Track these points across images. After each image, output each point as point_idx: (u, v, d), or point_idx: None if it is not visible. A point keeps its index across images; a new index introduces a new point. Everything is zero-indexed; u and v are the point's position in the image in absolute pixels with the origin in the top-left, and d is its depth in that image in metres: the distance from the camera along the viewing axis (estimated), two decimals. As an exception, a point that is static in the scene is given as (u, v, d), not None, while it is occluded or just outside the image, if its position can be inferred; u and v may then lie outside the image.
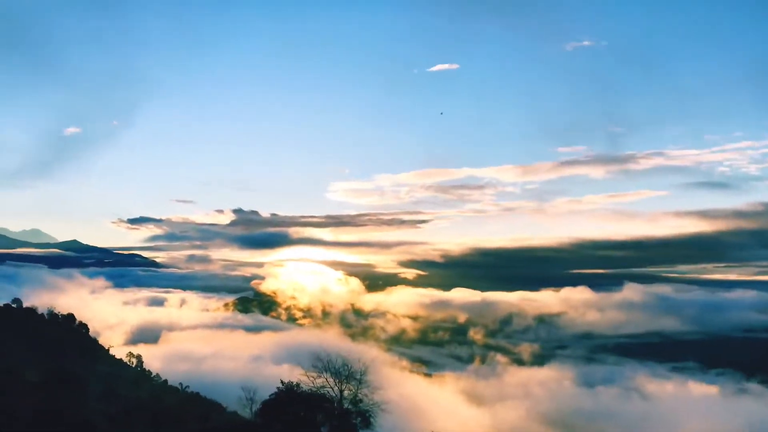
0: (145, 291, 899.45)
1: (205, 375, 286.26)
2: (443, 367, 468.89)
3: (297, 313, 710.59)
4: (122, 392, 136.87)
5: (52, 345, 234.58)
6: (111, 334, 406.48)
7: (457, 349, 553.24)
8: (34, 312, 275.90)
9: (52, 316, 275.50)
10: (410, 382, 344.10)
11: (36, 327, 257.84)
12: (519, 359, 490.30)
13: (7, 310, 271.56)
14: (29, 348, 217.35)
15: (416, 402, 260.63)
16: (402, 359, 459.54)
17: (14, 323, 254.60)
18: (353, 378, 59.81)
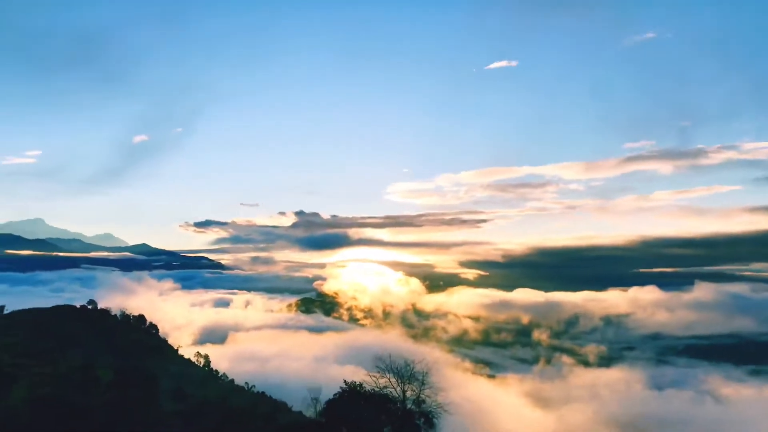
0: (211, 292, 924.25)
1: (271, 375, 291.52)
2: (506, 368, 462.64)
3: (358, 313, 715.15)
4: (191, 391, 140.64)
5: (124, 345, 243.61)
6: (179, 335, 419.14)
7: (521, 350, 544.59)
8: (108, 313, 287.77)
9: (125, 317, 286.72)
10: (473, 383, 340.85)
11: (110, 327, 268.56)
12: (585, 361, 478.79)
13: (83, 311, 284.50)
14: (104, 347, 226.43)
15: (479, 404, 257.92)
16: (464, 361, 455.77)
17: (90, 324, 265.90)
18: (416, 379, 59.54)
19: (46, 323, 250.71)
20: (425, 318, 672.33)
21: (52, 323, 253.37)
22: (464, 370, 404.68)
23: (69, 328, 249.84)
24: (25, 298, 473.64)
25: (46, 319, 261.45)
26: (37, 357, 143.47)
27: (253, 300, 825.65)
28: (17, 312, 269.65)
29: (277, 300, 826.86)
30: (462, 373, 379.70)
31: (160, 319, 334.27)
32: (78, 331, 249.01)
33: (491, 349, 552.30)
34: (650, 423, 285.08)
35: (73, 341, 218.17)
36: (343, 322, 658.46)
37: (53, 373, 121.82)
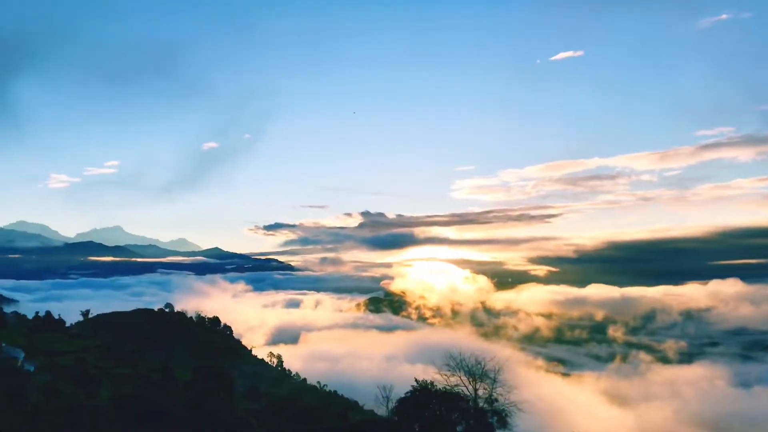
0: (282, 293, 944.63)
1: (342, 374, 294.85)
2: (581, 366, 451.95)
3: (427, 312, 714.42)
4: (265, 390, 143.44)
5: (201, 346, 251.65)
6: (252, 335, 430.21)
7: (596, 347, 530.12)
8: (184, 315, 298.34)
9: (200, 319, 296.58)
10: (547, 381, 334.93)
11: (186, 329, 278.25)
12: (664, 357, 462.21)
13: (161, 314, 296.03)
14: (181, 348, 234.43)
15: (554, 402, 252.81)
16: (537, 358, 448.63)
17: (168, 326, 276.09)
18: (487, 377, 58.38)
19: (127, 326, 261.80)
20: (495, 316, 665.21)
21: (132, 326, 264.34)
22: (537, 368, 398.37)
23: (148, 331, 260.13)
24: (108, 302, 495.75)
25: (126, 322, 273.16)
26: (119, 358, 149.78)
27: (322, 300, 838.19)
28: (101, 316, 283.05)
29: (346, 300, 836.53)
30: (535, 371, 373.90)
31: (233, 320, 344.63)
32: (156, 333, 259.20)
33: (565, 347, 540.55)
34: (736, 422, 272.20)
35: (152, 343, 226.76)
36: (411, 321, 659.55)
37: (134, 374, 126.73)
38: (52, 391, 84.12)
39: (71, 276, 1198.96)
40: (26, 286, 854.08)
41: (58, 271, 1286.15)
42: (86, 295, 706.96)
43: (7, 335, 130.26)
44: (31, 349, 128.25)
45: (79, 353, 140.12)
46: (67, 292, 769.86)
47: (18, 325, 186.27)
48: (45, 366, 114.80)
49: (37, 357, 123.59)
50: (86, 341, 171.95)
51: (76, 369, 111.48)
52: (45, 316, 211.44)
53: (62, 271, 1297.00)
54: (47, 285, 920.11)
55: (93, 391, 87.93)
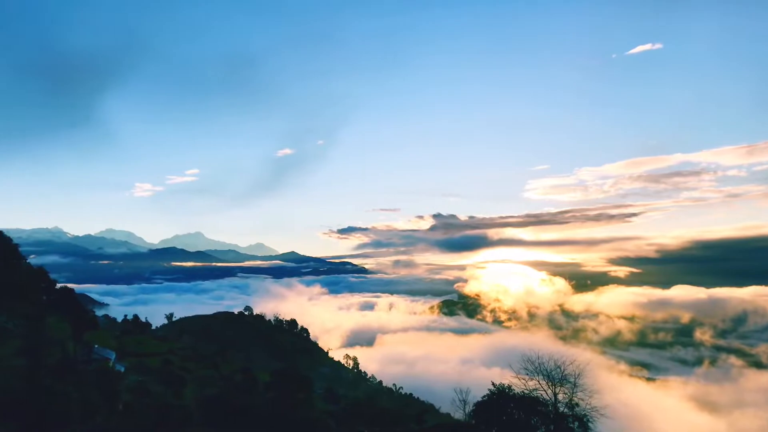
0: (356, 296, 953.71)
1: (418, 377, 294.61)
2: (666, 370, 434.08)
3: (502, 315, 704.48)
4: (342, 392, 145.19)
5: (279, 348, 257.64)
6: (328, 338, 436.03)
7: (682, 351, 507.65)
8: (263, 318, 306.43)
9: (278, 321, 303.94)
10: (630, 386, 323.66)
11: (265, 331, 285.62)
12: (758, 362, 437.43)
13: (241, 317, 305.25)
14: (261, 350, 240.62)
15: (638, 408, 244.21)
16: (619, 362, 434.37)
17: (247, 328, 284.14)
18: (567, 381, 56.85)
19: (209, 328, 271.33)
20: (574, 319, 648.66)
21: (214, 328, 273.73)
22: (620, 372, 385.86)
23: (229, 333, 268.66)
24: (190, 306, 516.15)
25: (208, 324, 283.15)
26: (202, 360, 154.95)
27: (396, 302, 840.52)
28: (184, 319, 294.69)
29: (419, 302, 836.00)
30: (617, 375, 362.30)
31: (310, 322, 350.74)
32: (237, 335, 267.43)
33: (648, 351, 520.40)
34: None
35: (233, 345, 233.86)
36: (486, 324, 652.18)
37: (217, 375, 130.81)
38: (141, 390, 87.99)
39: (156, 281, 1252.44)
40: (115, 291, 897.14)
41: (144, 276, 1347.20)
42: (170, 299, 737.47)
43: (99, 337, 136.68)
44: (121, 351, 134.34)
45: (165, 355, 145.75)
46: (152, 296, 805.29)
47: (109, 327, 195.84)
48: (134, 367, 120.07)
49: (126, 358, 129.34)
50: (171, 343, 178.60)
51: (162, 370, 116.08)
52: (133, 319, 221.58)
53: (148, 276, 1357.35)
54: (134, 289, 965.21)
55: (179, 392, 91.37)
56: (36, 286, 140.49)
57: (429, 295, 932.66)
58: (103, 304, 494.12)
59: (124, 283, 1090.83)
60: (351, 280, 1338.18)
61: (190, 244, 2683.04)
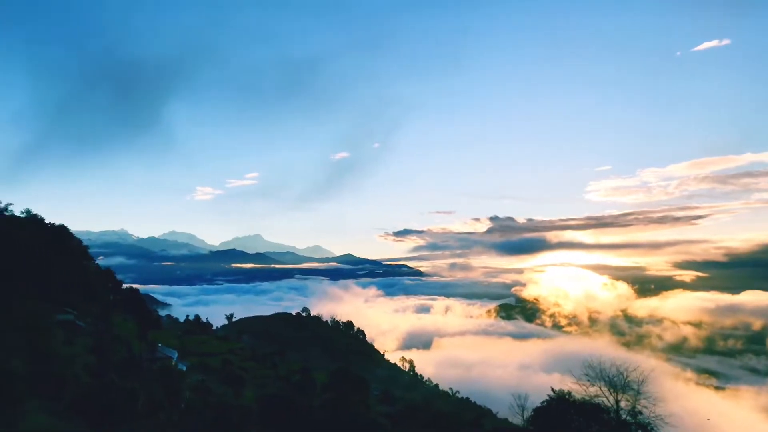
0: (412, 298, 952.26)
1: (475, 381, 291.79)
2: (737, 379, 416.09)
3: (562, 320, 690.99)
4: (398, 394, 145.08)
5: (336, 349, 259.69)
6: (384, 340, 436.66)
7: (753, 360, 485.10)
8: (320, 319, 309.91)
9: (335, 323, 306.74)
10: (697, 395, 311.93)
11: (322, 333, 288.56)
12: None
13: (298, 318, 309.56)
14: (318, 351, 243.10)
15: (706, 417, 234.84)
16: (686, 370, 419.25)
17: (305, 329, 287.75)
18: (630, 388, 55.24)
19: (268, 329, 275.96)
20: (637, 324, 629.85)
21: (272, 329, 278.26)
22: (686, 380, 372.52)
23: (287, 334, 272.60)
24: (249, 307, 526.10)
25: (267, 325, 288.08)
26: (261, 360, 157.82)
27: (452, 306, 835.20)
28: (244, 319, 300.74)
29: (476, 306, 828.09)
30: (683, 383, 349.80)
31: (366, 324, 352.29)
32: (295, 336, 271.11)
33: (717, 358, 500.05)
34: None
35: (290, 345, 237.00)
36: (546, 329, 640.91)
37: (275, 375, 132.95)
38: (202, 389, 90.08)
39: (217, 282, 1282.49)
40: (178, 291, 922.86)
41: (205, 277, 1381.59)
42: (230, 300, 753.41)
43: (163, 336, 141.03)
44: (184, 350, 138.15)
45: (225, 355, 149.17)
46: (213, 297, 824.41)
47: (172, 327, 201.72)
48: (196, 366, 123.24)
49: (188, 357, 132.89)
50: (231, 343, 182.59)
51: (223, 369, 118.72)
52: (194, 319, 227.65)
53: (209, 277, 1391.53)
54: (196, 290, 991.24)
55: (238, 391, 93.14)
56: (104, 286, 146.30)
57: (486, 298, 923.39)
58: (166, 305, 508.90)
59: (186, 284, 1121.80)
60: (407, 282, 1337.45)
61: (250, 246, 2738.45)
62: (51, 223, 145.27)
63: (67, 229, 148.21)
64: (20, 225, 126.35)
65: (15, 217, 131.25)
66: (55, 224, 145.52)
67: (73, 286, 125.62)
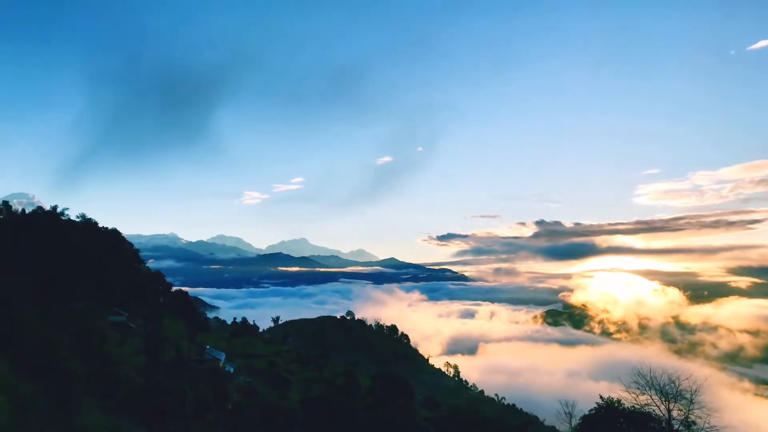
0: (456, 303, 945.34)
1: (521, 387, 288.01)
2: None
3: (611, 326, 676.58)
4: (442, 399, 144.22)
5: (380, 353, 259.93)
6: (428, 344, 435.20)
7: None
8: (364, 323, 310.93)
9: (379, 326, 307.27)
10: (755, 406, 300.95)
11: (366, 336, 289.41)
12: None
13: (343, 321, 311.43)
14: (362, 354, 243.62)
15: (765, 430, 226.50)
16: (742, 380, 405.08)
17: (349, 333, 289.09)
18: (682, 397, 53.38)
19: (313, 332, 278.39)
20: (690, 332, 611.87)
21: (317, 332, 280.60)
22: (743, 390, 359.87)
23: (331, 337, 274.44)
24: (295, 310, 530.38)
25: (312, 328, 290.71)
26: (306, 362, 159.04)
27: (497, 311, 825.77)
28: (289, 322, 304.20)
29: (522, 311, 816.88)
30: (740, 393, 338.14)
31: (410, 329, 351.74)
32: (339, 339, 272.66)
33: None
34: None
35: (335, 348, 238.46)
36: (594, 336, 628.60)
37: (320, 378, 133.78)
38: (249, 390, 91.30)
39: (263, 285, 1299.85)
40: (225, 294, 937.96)
41: (252, 280, 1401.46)
42: (276, 303, 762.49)
43: (211, 338, 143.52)
44: (231, 352, 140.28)
45: (271, 357, 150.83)
46: (259, 300, 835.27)
47: (219, 329, 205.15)
48: (243, 367, 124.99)
49: (235, 359, 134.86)
50: (277, 346, 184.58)
51: (269, 371, 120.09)
52: (241, 321, 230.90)
53: (255, 280, 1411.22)
54: (243, 293, 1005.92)
55: (284, 393, 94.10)
56: (154, 288, 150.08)
57: (532, 304, 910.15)
58: (214, 307, 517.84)
59: (233, 287, 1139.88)
60: (450, 287, 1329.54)
61: (295, 250, 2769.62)
62: (104, 227, 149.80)
63: (120, 233, 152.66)
64: (75, 228, 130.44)
65: (71, 221, 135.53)
66: (108, 228, 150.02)
67: (124, 289, 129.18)
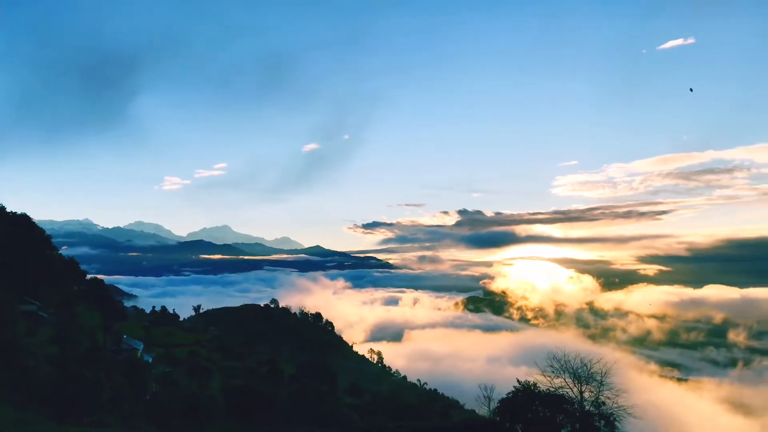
0: (381, 291, 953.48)
1: (444, 373, 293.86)
2: (699, 371, 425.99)
3: (529, 312, 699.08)
4: (366, 386, 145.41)
5: (304, 341, 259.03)
6: (352, 332, 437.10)
7: (715, 352, 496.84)
8: (289, 311, 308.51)
9: (303, 314, 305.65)
10: (660, 386, 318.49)
11: (290, 325, 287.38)
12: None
13: (267, 310, 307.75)
14: (286, 343, 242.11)
15: (668, 408, 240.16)
16: (649, 362, 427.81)
17: (273, 321, 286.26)
18: (594, 380, 56.09)
19: (236, 321, 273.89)
20: (602, 317, 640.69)
21: (240, 321, 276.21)
22: (649, 372, 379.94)
23: (255, 326, 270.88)
24: (217, 298, 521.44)
25: (235, 317, 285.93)
26: (228, 351, 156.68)
27: (421, 298, 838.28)
28: (211, 311, 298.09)
29: (444, 298, 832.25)
30: (647, 375, 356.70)
31: (334, 316, 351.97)
32: (262, 328, 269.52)
33: (679, 351, 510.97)
34: None
35: (258, 337, 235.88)
36: (513, 322, 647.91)
37: (242, 367, 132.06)
38: (168, 380, 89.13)
39: (184, 273, 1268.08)
40: (144, 282, 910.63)
41: (172, 268, 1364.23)
42: (197, 291, 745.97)
43: (128, 328, 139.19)
44: (149, 342, 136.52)
45: (191, 346, 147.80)
46: (180, 288, 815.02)
47: (137, 318, 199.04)
48: (162, 357, 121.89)
49: (154, 349, 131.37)
50: (198, 335, 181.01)
51: (189, 361, 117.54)
52: (161, 310, 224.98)
53: (176, 268, 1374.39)
54: (163, 281, 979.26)
55: (205, 382, 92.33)
56: (67, 276, 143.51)
57: (454, 291, 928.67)
58: (131, 296, 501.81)
59: (152, 275, 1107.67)
60: (375, 274, 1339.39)
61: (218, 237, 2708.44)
62: (13, 212, 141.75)
63: (30, 218, 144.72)
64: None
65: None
66: (17, 213, 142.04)
67: (35, 276, 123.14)
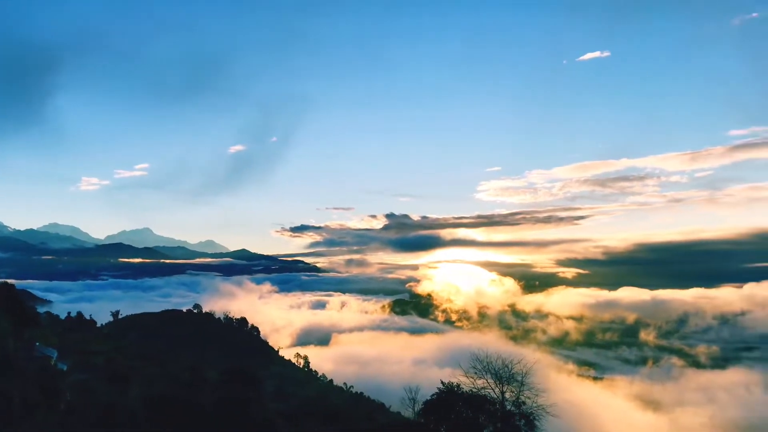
0: (308, 295, 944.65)
1: (371, 376, 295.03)
2: (612, 370, 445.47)
3: (453, 315, 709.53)
4: (292, 391, 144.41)
5: (229, 346, 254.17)
6: (279, 336, 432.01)
7: (627, 351, 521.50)
8: (212, 316, 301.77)
9: (228, 319, 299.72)
10: (577, 385, 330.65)
11: (214, 330, 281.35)
12: (697, 362, 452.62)
13: (189, 315, 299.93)
14: (210, 349, 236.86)
15: (584, 406, 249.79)
16: (567, 362, 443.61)
17: (196, 326, 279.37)
18: (515, 380, 57.93)
19: (157, 326, 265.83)
20: (524, 319, 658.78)
21: (161, 326, 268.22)
22: (567, 372, 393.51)
23: (177, 331, 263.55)
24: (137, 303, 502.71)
25: (156, 322, 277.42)
26: (149, 358, 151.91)
27: (348, 301, 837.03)
28: (130, 316, 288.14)
29: (371, 301, 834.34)
30: (565, 375, 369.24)
31: (260, 321, 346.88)
32: (185, 333, 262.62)
33: (595, 351, 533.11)
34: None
35: (181, 343, 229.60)
36: (438, 324, 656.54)
37: (164, 374, 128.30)
38: (85, 389, 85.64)
39: (102, 277, 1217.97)
40: (59, 287, 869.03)
41: (90, 272, 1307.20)
42: (116, 296, 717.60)
43: (41, 335, 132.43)
44: (64, 349, 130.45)
45: (110, 353, 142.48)
46: (98, 293, 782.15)
47: (51, 324, 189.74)
48: (78, 365, 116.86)
49: (69, 356, 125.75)
50: (117, 341, 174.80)
51: (107, 368, 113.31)
52: (77, 316, 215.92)
53: (93, 272, 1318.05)
54: (79, 286, 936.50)
55: (124, 390, 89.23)
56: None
57: (381, 294, 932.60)
58: (45, 301, 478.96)
59: (68, 279, 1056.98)
60: (303, 278, 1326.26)
61: (138, 240, 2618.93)
62: None
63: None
64: None
65: None
66: None
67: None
